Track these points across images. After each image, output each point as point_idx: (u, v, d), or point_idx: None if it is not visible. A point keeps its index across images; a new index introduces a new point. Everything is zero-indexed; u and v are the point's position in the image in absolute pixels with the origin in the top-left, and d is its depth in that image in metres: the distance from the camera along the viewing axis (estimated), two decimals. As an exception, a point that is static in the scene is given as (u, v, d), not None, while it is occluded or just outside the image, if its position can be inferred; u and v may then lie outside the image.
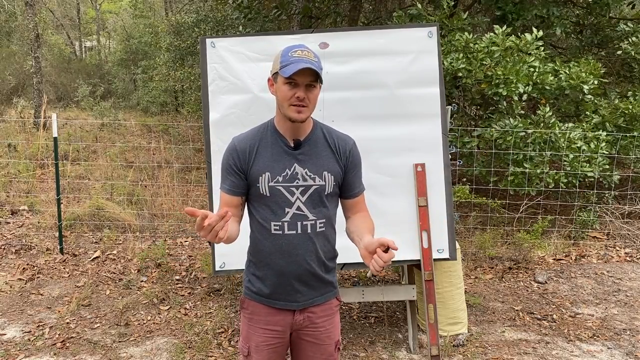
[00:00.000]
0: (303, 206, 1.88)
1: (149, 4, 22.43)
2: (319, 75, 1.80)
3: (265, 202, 1.88)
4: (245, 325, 2.00)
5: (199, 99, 11.36)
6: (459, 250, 3.76)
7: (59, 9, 25.84)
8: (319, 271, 1.95)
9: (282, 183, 1.87)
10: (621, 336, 3.83)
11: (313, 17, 8.46)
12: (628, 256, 5.43)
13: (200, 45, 3.39)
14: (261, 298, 1.95)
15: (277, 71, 1.83)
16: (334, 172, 1.93)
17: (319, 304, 1.98)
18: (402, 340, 3.74)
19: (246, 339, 1.99)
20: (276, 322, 1.95)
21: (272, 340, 1.97)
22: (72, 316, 4.06)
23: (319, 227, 1.91)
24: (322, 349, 2.01)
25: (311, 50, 1.85)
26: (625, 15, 7.92)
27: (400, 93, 3.35)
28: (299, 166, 1.89)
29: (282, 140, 1.90)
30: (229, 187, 1.90)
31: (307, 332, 1.99)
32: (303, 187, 1.88)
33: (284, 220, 1.87)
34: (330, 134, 1.98)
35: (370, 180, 3.35)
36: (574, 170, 5.33)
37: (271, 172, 1.87)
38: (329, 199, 1.93)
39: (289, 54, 1.82)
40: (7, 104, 14.78)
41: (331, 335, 2.01)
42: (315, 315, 1.98)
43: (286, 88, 1.81)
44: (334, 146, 1.95)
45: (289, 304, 1.94)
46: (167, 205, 6.49)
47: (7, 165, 8.12)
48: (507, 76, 5.32)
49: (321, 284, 1.97)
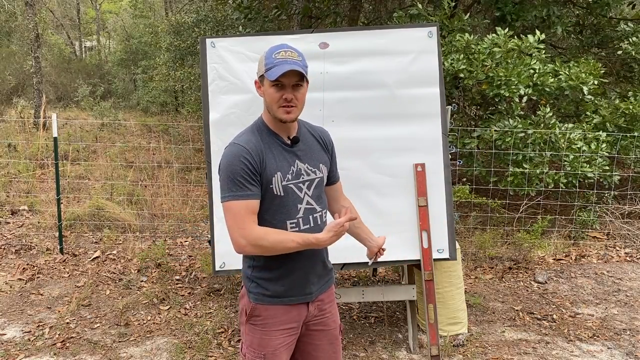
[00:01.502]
0: (311, 200, 1.95)
1: (149, 4, 22.43)
2: (305, 74, 1.82)
3: (279, 202, 1.88)
4: (258, 333, 1.94)
5: (199, 99, 11.36)
6: (459, 250, 3.76)
7: (59, 9, 25.84)
8: (325, 260, 2.04)
9: (292, 181, 1.90)
10: (621, 336, 3.83)
11: (313, 17, 8.47)
12: (628, 256, 5.43)
13: (200, 45, 3.39)
14: (277, 300, 1.93)
15: (263, 74, 1.84)
16: (326, 164, 2.03)
17: (324, 291, 2.06)
18: (402, 340, 3.74)
19: (260, 347, 1.93)
20: (292, 318, 1.96)
21: (289, 338, 1.97)
22: (72, 316, 4.06)
23: (324, 216, 2.01)
24: (329, 335, 2.06)
25: (295, 49, 1.86)
26: (626, 16, 7.92)
27: (400, 93, 3.35)
28: (299, 162, 1.93)
29: (280, 139, 1.92)
30: (256, 192, 1.83)
31: (317, 320, 2.04)
32: (308, 182, 1.94)
33: (299, 217, 1.91)
34: (312, 128, 2.06)
35: (370, 180, 3.35)
36: (574, 170, 5.33)
37: (281, 171, 1.88)
38: (324, 190, 2.05)
39: (273, 55, 1.83)
40: (7, 104, 14.79)
41: (335, 319, 2.09)
42: (323, 303, 2.05)
43: (273, 90, 1.83)
44: (319, 139, 2.04)
45: (304, 298, 1.97)
46: (167, 205, 6.49)
47: (7, 165, 8.12)
48: (509, 78, 5.33)
49: (326, 271, 2.06)
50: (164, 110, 15.97)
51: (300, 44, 3.34)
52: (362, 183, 3.34)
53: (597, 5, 7.03)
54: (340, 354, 2.10)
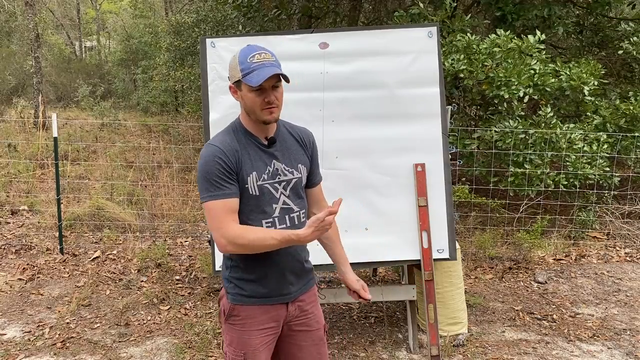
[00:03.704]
0: (287, 199, 1.95)
1: (149, 4, 22.43)
2: (283, 75, 1.82)
3: (255, 201, 1.89)
4: (237, 333, 1.96)
5: (199, 99, 11.36)
6: (459, 250, 3.76)
7: (59, 9, 25.84)
8: (304, 260, 2.03)
9: (267, 181, 1.91)
10: (621, 336, 3.83)
11: (313, 16, 8.47)
12: (628, 256, 5.42)
13: (200, 45, 3.39)
14: (255, 300, 1.94)
15: (240, 79, 1.83)
16: (305, 164, 2.02)
17: (305, 292, 2.05)
18: (402, 340, 3.74)
19: (240, 346, 1.95)
20: (271, 318, 1.97)
21: (268, 338, 1.98)
22: (72, 316, 4.06)
23: (302, 217, 1.99)
24: (313, 335, 2.06)
25: (267, 49, 1.86)
26: (626, 16, 7.92)
27: (401, 93, 3.35)
28: (277, 162, 1.94)
29: (256, 140, 1.93)
30: (234, 190, 1.85)
31: (298, 321, 2.03)
32: (285, 182, 1.94)
33: (275, 216, 1.92)
34: (292, 128, 2.05)
35: (370, 180, 3.35)
36: (575, 170, 5.33)
37: (257, 171, 1.89)
38: (303, 190, 2.03)
39: (248, 59, 1.82)
40: (7, 104, 14.78)
41: (319, 320, 2.08)
42: (304, 303, 2.04)
43: (254, 95, 1.83)
44: (299, 139, 2.03)
45: (283, 298, 1.97)
46: (167, 205, 6.49)
47: (7, 165, 8.12)
48: (509, 78, 5.32)
49: (306, 272, 2.05)
50: (164, 110, 15.96)
51: (300, 44, 3.35)
52: (362, 183, 3.34)
53: (597, 5, 7.03)
54: (325, 355, 2.09)
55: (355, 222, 3.34)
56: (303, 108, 3.32)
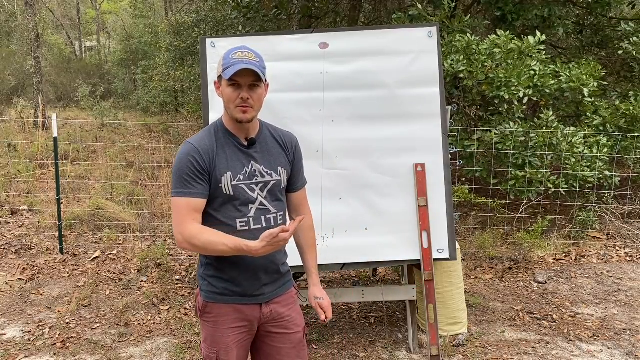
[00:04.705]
0: (265, 201, 1.95)
1: (149, 4, 22.43)
2: (261, 75, 1.84)
3: (229, 201, 1.90)
4: (211, 330, 1.98)
5: (199, 99, 11.36)
6: (459, 250, 3.76)
7: (59, 9, 25.85)
8: (280, 262, 2.03)
9: (243, 181, 1.92)
10: (621, 336, 3.83)
11: (313, 16, 8.47)
12: (628, 256, 5.43)
13: (200, 46, 3.39)
14: (227, 298, 1.95)
15: (221, 74, 1.87)
16: (286, 167, 2.03)
17: (281, 294, 2.05)
18: (402, 340, 3.74)
19: (213, 344, 1.97)
20: (243, 317, 1.97)
21: (240, 336, 1.99)
22: (72, 316, 4.06)
23: (279, 219, 2.00)
24: (291, 338, 2.05)
25: (253, 50, 1.89)
26: (626, 16, 7.92)
27: (401, 93, 3.35)
28: (255, 163, 1.95)
29: (236, 140, 1.94)
30: (200, 190, 1.87)
31: (275, 323, 2.03)
32: (262, 183, 1.95)
33: (249, 216, 1.92)
34: (276, 131, 2.05)
35: (370, 180, 3.35)
36: (574, 172, 5.32)
37: (232, 171, 1.90)
38: (283, 193, 2.04)
39: (230, 56, 1.86)
40: (7, 104, 14.78)
41: (297, 322, 2.07)
42: (279, 306, 2.03)
43: (230, 90, 1.85)
44: (282, 142, 2.04)
45: (255, 298, 1.97)
46: (167, 205, 6.49)
47: (7, 165, 8.12)
48: (509, 79, 5.32)
49: (281, 275, 2.04)
50: (164, 110, 15.96)
51: (300, 44, 3.35)
52: (362, 183, 3.34)
53: (597, 5, 7.03)
54: (305, 358, 2.09)
55: (355, 222, 3.34)
56: (303, 108, 3.32)
